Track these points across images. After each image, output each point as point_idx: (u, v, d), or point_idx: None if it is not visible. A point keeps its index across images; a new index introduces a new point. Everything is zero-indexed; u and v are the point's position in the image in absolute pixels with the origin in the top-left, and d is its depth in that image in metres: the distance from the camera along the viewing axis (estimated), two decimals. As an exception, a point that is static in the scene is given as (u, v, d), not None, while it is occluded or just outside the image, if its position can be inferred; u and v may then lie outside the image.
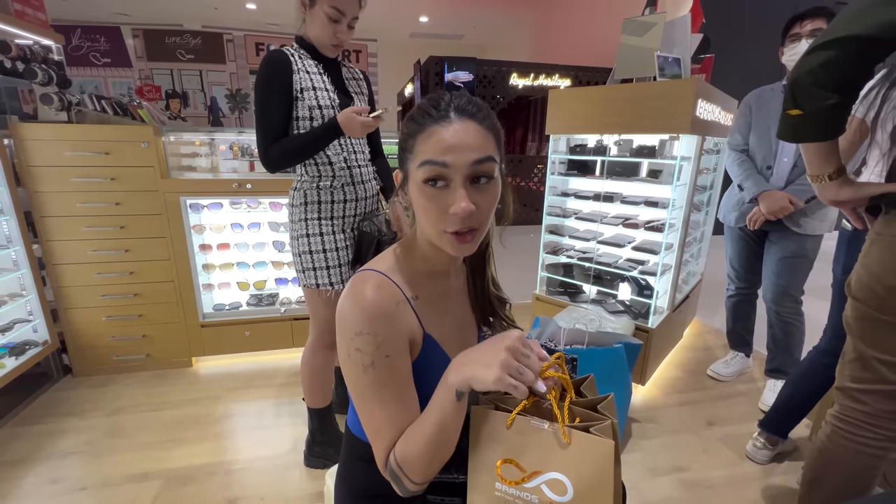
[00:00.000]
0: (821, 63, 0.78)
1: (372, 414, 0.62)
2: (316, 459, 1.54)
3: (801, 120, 0.84)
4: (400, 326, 0.61)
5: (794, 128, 0.87)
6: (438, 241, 0.63)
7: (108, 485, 1.46)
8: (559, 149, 2.32)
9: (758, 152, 1.86)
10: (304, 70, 1.25)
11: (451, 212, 0.59)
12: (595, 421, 0.61)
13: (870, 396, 0.95)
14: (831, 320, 1.38)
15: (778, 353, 1.97)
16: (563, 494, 0.58)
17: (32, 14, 1.99)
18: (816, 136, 0.87)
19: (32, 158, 1.79)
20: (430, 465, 0.60)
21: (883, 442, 0.96)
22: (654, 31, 1.90)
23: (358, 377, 0.61)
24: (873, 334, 0.92)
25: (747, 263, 2.03)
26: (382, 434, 0.62)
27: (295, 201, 1.35)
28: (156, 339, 2.12)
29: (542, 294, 2.39)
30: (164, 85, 7.72)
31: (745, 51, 4.61)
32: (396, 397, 0.61)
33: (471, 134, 0.59)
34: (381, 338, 0.59)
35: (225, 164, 2.53)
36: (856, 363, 0.96)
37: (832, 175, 0.92)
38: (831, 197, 0.95)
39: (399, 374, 0.61)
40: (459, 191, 0.58)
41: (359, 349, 0.59)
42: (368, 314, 0.59)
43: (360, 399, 0.62)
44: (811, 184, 0.98)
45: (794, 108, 0.84)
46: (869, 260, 0.92)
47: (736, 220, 1.97)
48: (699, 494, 1.46)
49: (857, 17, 0.74)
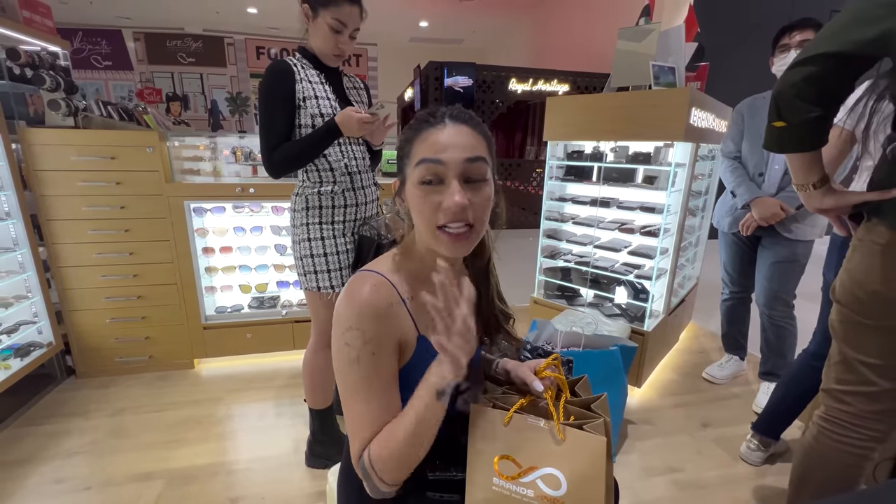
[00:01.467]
0: (803, 78, 0.81)
1: (353, 409, 0.64)
2: (317, 459, 1.56)
3: (785, 131, 0.88)
4: (390, 328, 0.64)
5: (778, 139, 0.91)
6: (434, 242, 0.65)
7: (111, 484, 1.48)
8: (557, 154, 2.36)
9: (750, 160, 1.90)
10: (306, 79, 1.29)
11: (444, 206, 0.62)
12: (588, 419, 0.65)
13: (854, 398, 0.98)
14: (821, 324, 1.41)
15: (771, 356, 2.00)
16: (557, 489, 0.61)
17: (40, 21, 2.03)
18: (800, 147, 0.91)
19: (39, 163, 1.82)
20: (401, 465, 0.61)
21: (867, 442, 0.99)
22: (650, 37, 1.94)
23: (344, 371, 0.63)
24: (856, 337, 0.95)
25: (740, 268, 2.07)
26: (360, 429, 0.64)
27: (297, 206, 1.38)
28: (159, 340, 2.14)
29: (539, 297, 2.42)
30: (164, 88, 7.77)
31: (739, 59, 4.67)
32: (378, 395, 0.63)
33: (464, 135, 0.63)
34: (368, 335, 0.62)
35: (227, 167, 2.57)
36: (840, 366, 1.00)
37: (816, 184, 0.95)
38: (816, 205, 0.99)
39: (383, 373, 0.63)
40: (453, 184, 0.62)
41: (347, 343, 0.62)
42: (359, 311, 0.62)
43: (345, 393, 0.65)
44: (797, 192, 1.02)
45: (778, 119, 0.87)
46: (851, 265, 0.95)
47: (729, 226, 2.00)
48: (693, 495, 1.49)
49: (836, 35, 0.78)
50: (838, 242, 1.30)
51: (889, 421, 0.96)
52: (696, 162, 2.01)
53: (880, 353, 0.91)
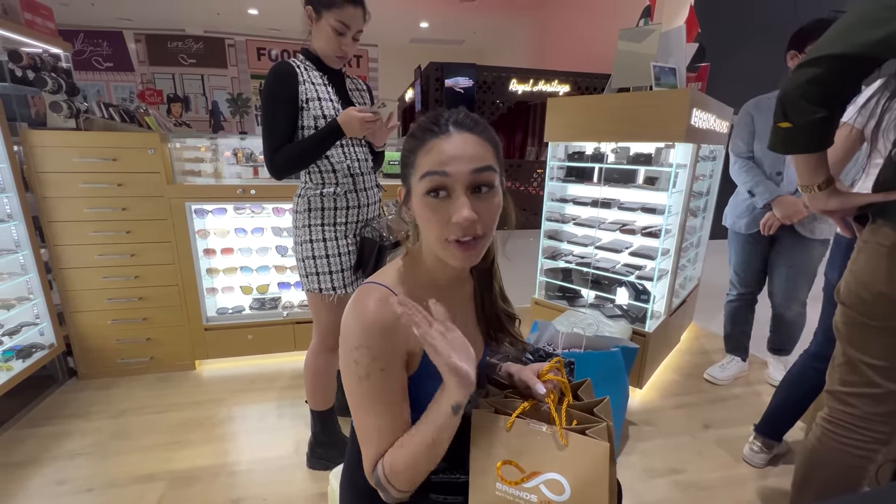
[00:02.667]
0: (808, 79, 0.81)
1: (364, 423, 0.65)
2: (318, 461, 1.56)
3: (791, 132, 0.88)
4: (397, 342, 0.64)
5: (784, 140, 0.90)
6: (442, 253, 0.64)
7: (113, 486, 1.49)
8: (558, 155, 2.36)
9: (765, 159, 1.88)
10: (309, 81, 1.29)
11: (453, 220, 0.60)
12: (591, 423, 0.65)
13: (858, 399, 0.98)
14: (822, 324, 1.41)
15: (780, 338, 2.15)
16: (560, 494, 0.61)
17: (42, 23, 2.04)
18: (806, 148, 0.91)
19: (41, 164, 1.82)
20: (416, 475, 0.62)
21: (871, 444, 0.98)
22: (651, 38, 1.94)
23: (354, 387, 0.64)
24: (861, 339, 0.95)
25: (753, 270, 2.06)
26: (372, 443, 0.64)
27: (299, 207, 1.38)
28: (160, 342, 2.14)
29: (541, 298, 2.42)
30: (165, 89, 7.78)
31: (740, 60, 4.67)
32: (388, 409, 0.64)
33: (470, 145, 0.61)
34: (376, 351, 0.62)
35: (229, 169, 2.57)
36: (844, 367, 0.99)
37: (821, 185, 0.95)
38: (821, 206, 0.98)
39: (392, 387, 0.64)
40: (461, 199, 0.60)
41: (356, 361, 0.62)
42: (367, 328, 0.62)
43: (355, 408, 0.65)
44: (802, 193, 1.01)
45: (784, 120, 0.87)
46: (857, 266, 0.95)
47: (747, 227, 1.98)
48: (694, 496, 1.49)
49: (842, 37, 0.78)
50: (842, 243, 1.29)
51: (893, 423, 0.96)
52: (697, 163, 2.01)
53: (885, 355, 0.91)
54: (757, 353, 2.41)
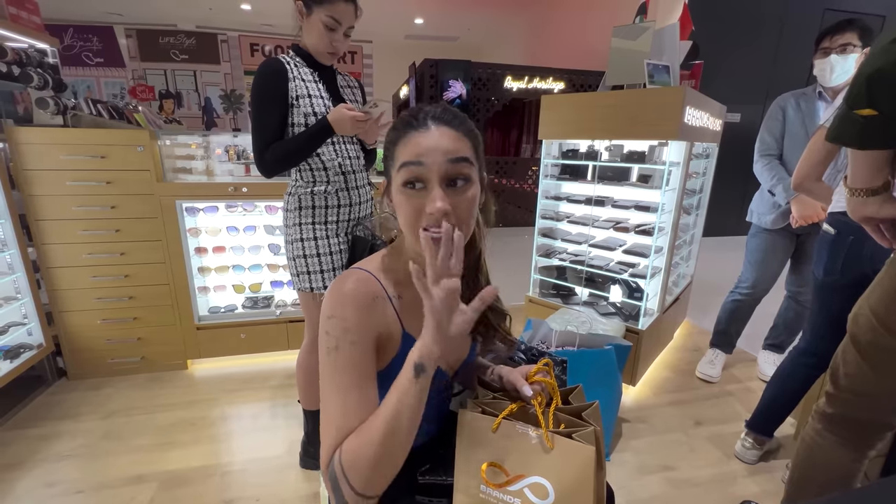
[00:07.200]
0: None
1: (329, 403, 0.61)
2: (311, 461, 1.56)
3: (875, 121, 0.69)
4: (372, 321, 0.64)
5: (862, 130, 0.71)
6: (417, 244, 0.63)
7: (104, 487, 1.47)
8: (552, 153, 2.35)
9: (792, 157, 1.84)
10: (299, 78, 1.27)
11: (427, 211, 0.61)
12: (578, 427, 0.64)
13: (858, 399, 0.98)
14: (810, 321, 1.42)
15: (783, 332, 2.17)
16: (544, 498, 0.60)
17: (27, 18, 2.00)
18: (889, 143, 0.73)
19: (28, 162, 1.79)
20: (375, 470, 0.57)
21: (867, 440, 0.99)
22: (645, 35, 1.93)
23: (323, 360, 0.63)
24: (889, 359, 0.91)
25: (770, 268, 2.03)
26: (333, 423, 0.60)
27: (290, 206, 1.37)
28: (151, 341, 2.12)
29: (534, 296, 2.42)
30: (157, 85, 7.69)
31: (734, 57, 4.67)
32: (355, 387, 0.61)
33: (446, 137, 0.62)
34: (349, 324, 0.62)
35: (220, 167, 2.54)
36: (844, 366, 0.99)
37: (878, 189, 0.81)
38: (870, 213, 0.84)
39: (361, 364, 0.62)
40: (436, 190, 0.61)
41: (328, 332, 0.62)
42: (341, 299, 0.63)
43: (323, 387, 0.63)
44: (848, 196, 0.87)
45: (867, 107, 0.68)
46: (889, 280, 0.87)
47: (773, 222, 1.95)
48: (686, 493, 1.50)
49: None
50: (828, 240, 1.28)
51: (890, 420, 0.96)
52: (690, 160, 2.01)
53: None
54: (747, 349, 2.43)
